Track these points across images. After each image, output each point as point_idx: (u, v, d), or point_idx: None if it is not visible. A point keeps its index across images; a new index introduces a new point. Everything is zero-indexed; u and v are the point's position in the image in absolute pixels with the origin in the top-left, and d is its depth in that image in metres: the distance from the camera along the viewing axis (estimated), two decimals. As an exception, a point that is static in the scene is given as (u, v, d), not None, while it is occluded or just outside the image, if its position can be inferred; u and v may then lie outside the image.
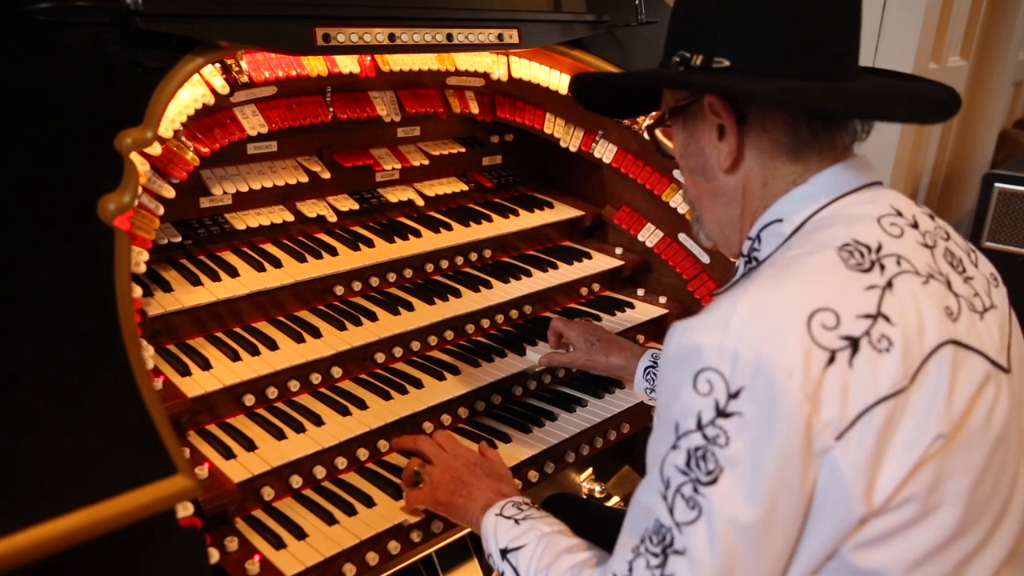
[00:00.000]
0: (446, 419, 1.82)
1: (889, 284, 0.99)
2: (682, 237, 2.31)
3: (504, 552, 1.28)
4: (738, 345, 0.92)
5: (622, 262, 2.37)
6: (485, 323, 2.05)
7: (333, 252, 1.93)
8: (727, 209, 1.20)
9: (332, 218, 2.04)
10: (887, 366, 0.94)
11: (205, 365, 1.60)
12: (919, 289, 1.00)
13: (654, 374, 1.72)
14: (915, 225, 1.09)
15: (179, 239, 1.80)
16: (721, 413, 0.92)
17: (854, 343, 0.94)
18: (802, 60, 1.09)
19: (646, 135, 1.41)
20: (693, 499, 0.93)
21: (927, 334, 0.98)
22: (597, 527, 1.34)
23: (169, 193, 1.54)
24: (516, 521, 1.31)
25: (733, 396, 0.92)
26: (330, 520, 1.51)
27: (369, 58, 1.88)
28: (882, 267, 1.00)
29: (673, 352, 0.99)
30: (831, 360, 0.92)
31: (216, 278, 1.75)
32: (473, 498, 1.43)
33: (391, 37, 1.76)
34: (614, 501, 2.22)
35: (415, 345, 1.89)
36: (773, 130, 1.11)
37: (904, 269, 1.01)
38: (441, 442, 1.58)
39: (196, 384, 1.55)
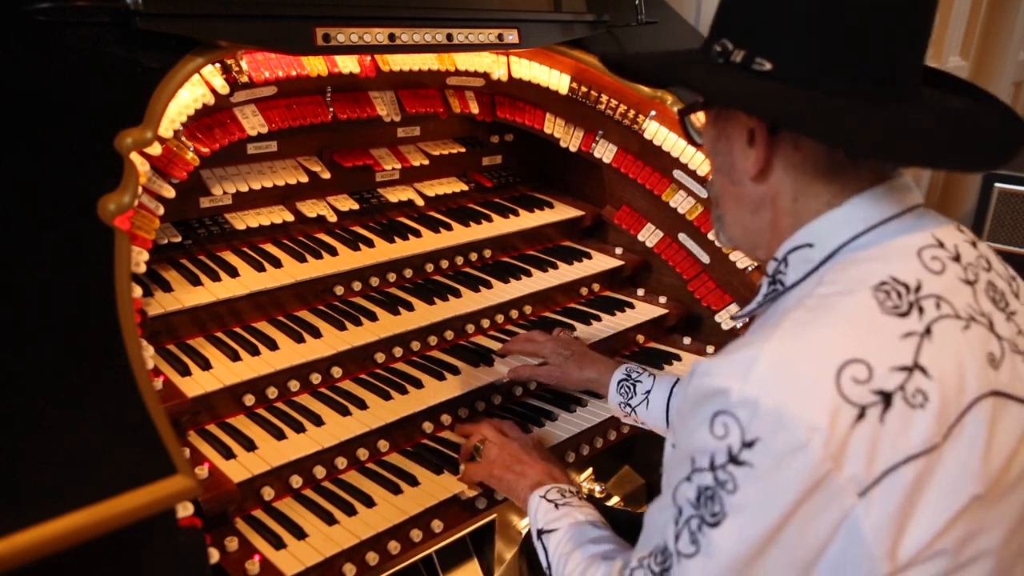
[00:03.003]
0: (446, 419, 1.82)
1: (928, 331, 0.93)
2: (682, 237, 2.31)
3: (540, 533, 1.37)
4: (759, 394, 0.88)
5: (622, 262, 2.37)
6: (485, 323, 2.05)
7: (333, 252, 1.93)
8: (755, 216, 1.12)
9: (332, 218, 2.04)
10: (920, 422, 0.89)
11: (205, 365, 1.60)
12: (959, 336, 0.95)
13: (627, 387, 1.69)
14: (957, 258, 1.01)
15: (179, 239, 1.80)
16: (733, 460, 0.90)
17: (887, 398, 0.88)
18: (853, 74, 0.99)
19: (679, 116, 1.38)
20: (696, 536, 0.94)
21: (966, 387, 0.92)
22: None
23: (169, 193, 1.54)
24: (556, 505, 1.39)
25: (747, 445, 0.89)
26: (330, 520, 1.50)
27: (369, 58, 1.88)
28: (921, 310, 0.94)
29: (693, 392, 0.96)
30: (860, 416, 0.87)
31: (216, 278, 1.75)
32: (525, 476, 1.52)
33: (391, 37, 1.76)
34: (614, 501, 2.22)
35: (415, 345, 1.89)
36: (805, 148, 1.03)
37: (944, 313, 0.95)
38: (503, 427, 1.67)
39: (196, 384, 1.55)
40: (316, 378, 1.74)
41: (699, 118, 1.24)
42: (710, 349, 2.26)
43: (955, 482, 0.91)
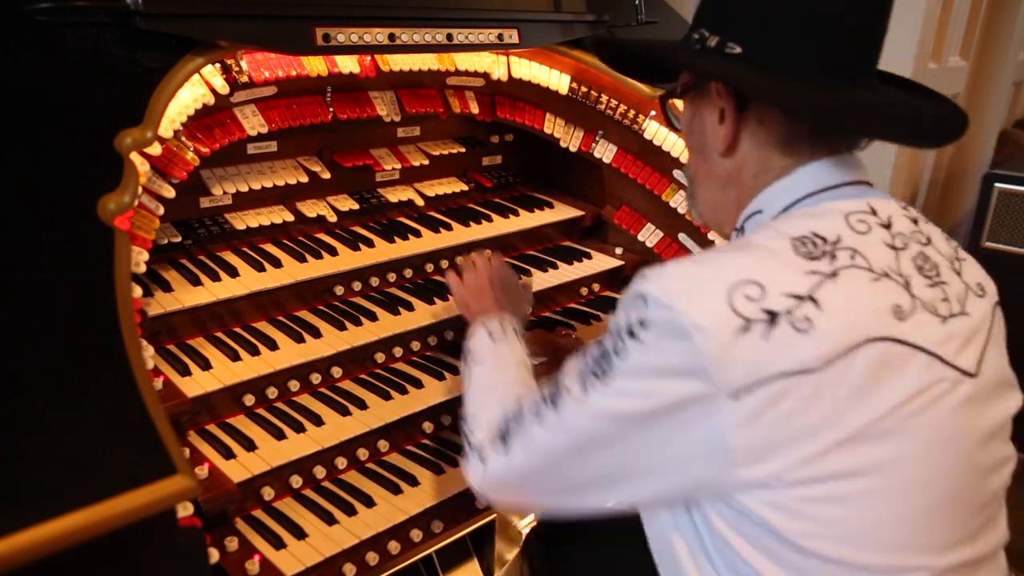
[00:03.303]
0: (446, 419, 1.82)
1: (834, 274, 0.99)
2: (682, 237, 2.31)
3: (466, 356, 1.48)
4: (662, 291, 0.99)
5: (622, 262, 2.37)
6: (485, 323, 2.05)
7: (333, 252, 1.93)
8: (722, 192, 1.22)
9: (332, 218, 2.04)
10: (802, 346, 0.95)
11: (205, 365, 1.60)
12: (865, 284, 1.01)
13: None
14: (887, 225, 1.08)
15: (179, 239, 1.80)
16: (630, 332, 1.02)
17: (773, 317, 0.96)
18: (814, 61, 1.10)
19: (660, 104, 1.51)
20: (584, 381, 1.06)
21: (858, 326, 0.97)
22: (598, 526, 1.36)
23: (169, 193, 1.54)
24: (492, 336, 1.48)
25: (642, 324, 1.00)
26: (330, 520, 1.51)
27: (369, 58, 1.88)
28: (833, 257, 1.01)
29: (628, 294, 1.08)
30: (745, 328, 0.95)
31: (216, 278, 1.75)
32: (483, 308, 1.63)
33: (391, 37, 1.76)
34: (614, 501, 2.22)
35: (415, 345, 1.89)
36: (769, 123, 1.13)
37: (856, 264, 1.01)
38: (495, 263, 1.77)
39: (196, 384, 1.55)
40: (316, 378, 1.74)
41: (677, 106, 1.34)
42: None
43: (832, 412, 0.96)
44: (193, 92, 1.57)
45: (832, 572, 0.98)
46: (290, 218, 1.98)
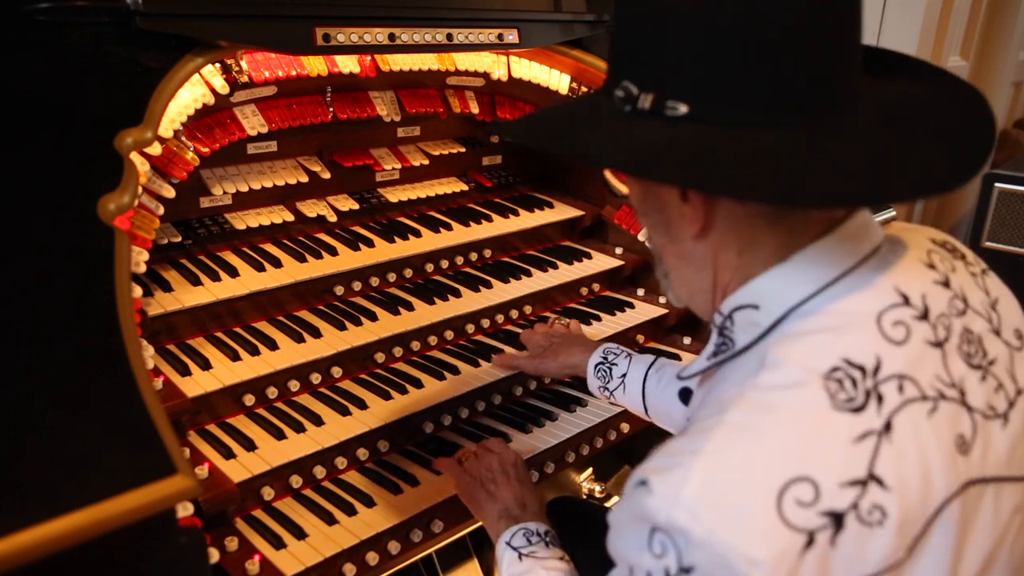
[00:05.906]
0: (447, 419, 1.82)
1: (887, 426, 0.83)
2: (682, 237, 2.31)
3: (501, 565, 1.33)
4: (689, 523, 0.78)
5: (622, 262, 2.37)
6: (485, 323, 2.05)
7: (333, 252, 1.93)
8: (698, 276, 1.00)
9: (332, 218, 2.04)
10: (878, 542, 0.80)
11: (205, 365, 1.60)
12: (924, 425, 0.85)
13: (604, 371, 1.66)
14: (924, 315, 0.91)
15: (179, 239, 1.80)
16: None
17: (838, 519, 0.79)
18: (778, 102, 0.86)
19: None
20: None
21: (933, 492, 0.84)
22: (599, 529, 1.35)
23: (169, 193, 1.54)
24: (520, 556, 1.34)
25: (684, 571, 0.79)
26: (330, 520, 1.51)
27: (369, 58, 1.88)
28: (880, 399, 0.84)
29: (632, 501, 0.86)
30: (809, 544, 0.77)
31: (216, 278, 1.75)
32: (494, 499, 1.48)
33: (391, 37, 1.76)
34: (614, 501, 2.21)
35: (415, 345, 1.89)
36: None
37: (907, 397, 0.85)
38: (491, 445, 1.63)
39: (196, 384, 1.55)
40: (316, 378, 1.74)
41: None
42: (710, 349, 2.25)
43: None
44: (193, 92, 1.57)
45: None
46: (290, 218, 1.98)
